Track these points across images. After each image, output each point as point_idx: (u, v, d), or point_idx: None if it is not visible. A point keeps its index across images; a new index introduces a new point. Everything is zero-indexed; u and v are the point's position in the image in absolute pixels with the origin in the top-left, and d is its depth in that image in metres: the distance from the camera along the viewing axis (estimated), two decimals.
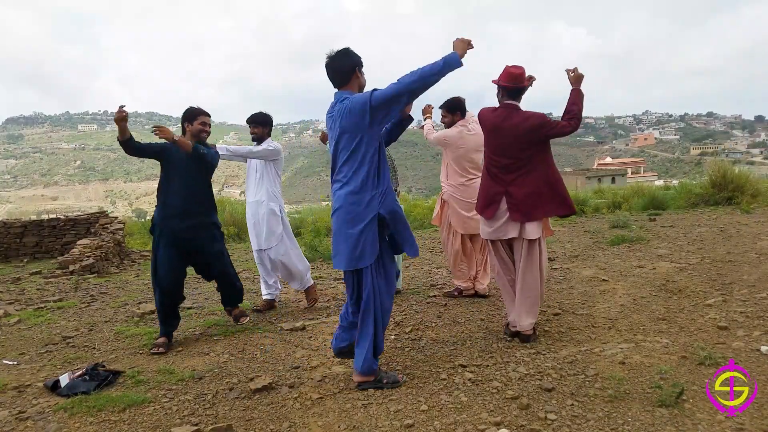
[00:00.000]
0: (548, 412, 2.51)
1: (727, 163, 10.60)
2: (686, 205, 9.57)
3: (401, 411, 2.63)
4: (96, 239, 8.01)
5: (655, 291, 4.42)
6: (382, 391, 2.86)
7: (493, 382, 2.87)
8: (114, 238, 8.30)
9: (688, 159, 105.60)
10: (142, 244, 9.75)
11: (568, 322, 3.80)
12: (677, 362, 2.97)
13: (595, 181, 36.84)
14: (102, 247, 7.71)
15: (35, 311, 5.03)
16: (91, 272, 7.00)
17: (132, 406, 2.82)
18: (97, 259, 7.27)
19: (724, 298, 4.04)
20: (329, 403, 2.77)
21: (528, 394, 2.71)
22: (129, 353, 3.73)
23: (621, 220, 7.93)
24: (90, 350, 3.85)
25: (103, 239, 8.04)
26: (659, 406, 2.50)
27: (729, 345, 3.15)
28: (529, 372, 2.97)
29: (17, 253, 8.86)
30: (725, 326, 3.43)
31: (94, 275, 6.91)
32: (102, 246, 7.73)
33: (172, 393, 3.00)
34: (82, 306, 5.25)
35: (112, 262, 7.73)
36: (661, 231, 7.21)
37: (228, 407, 2.80)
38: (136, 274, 7.20)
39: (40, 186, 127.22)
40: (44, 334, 4.28)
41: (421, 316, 4.21)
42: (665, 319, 3.72)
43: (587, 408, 2.54)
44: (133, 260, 8.28)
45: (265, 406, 2.79)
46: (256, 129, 4.63)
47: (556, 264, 5.74)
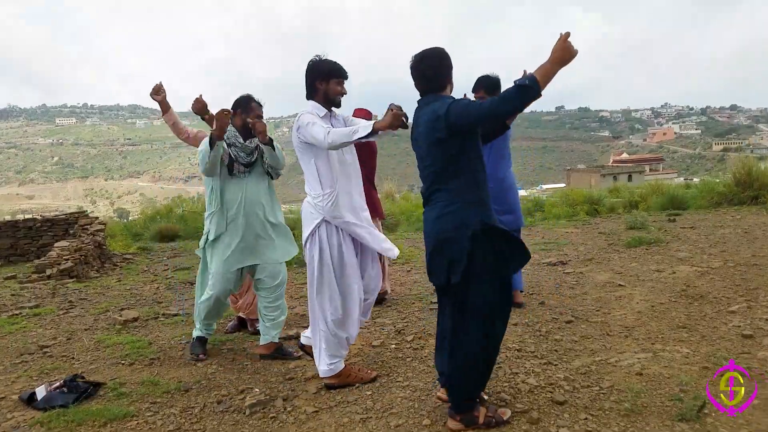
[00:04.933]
0: (560, 426, 2.51)
1: (753, 159, 10.59)
2: (708, 204, 9.57)
3: (402, 426, 2.63)
4: (75, 241, 8.00)
5: (674, 297, 4.42)
6: (382, 404, 2.86)
7: (501, 394, 2.87)
8: (94, 239, 8.29)
9: (711, 155, 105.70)
10: (124, 246, 9.75)
11: (582, 330, 3.80)
12: (698, 373, 2.97)
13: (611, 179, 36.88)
14: (81, 249, 7.70)
15: (9, 318, 5.03)
16: (70, 276, 6.99)
17: (113, 420, 2.82)
18: (76, 262, 7.27)
19: (749, 305, 4.04)
20: (325, 417, 2.78)
21: (538, 407, 2.71)
22: (110, 364, 3.73)
23: (638, 221, 7.93)
24: (68, 360, 3.85)
25: (83, 241, 8.03)
26: (679, 420, 2.50)
27: (754, 355, 3.15)
28: (540, 384, 2.97)
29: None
30: (750, 334, 3.43)
31: (72, 280, 6.91)
32: (81, 248, 7.72)
33: (157, 406, 3.00)
34: (60, 313, 5.25)
35: (92, 265, 7.72)
36: (681, 232, 7.22)
37: (216, 421, 2.80)
38: (118, 278, 7.20)
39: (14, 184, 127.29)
40: (19, 343, 4.28)
41: (424, 324, 4.21)
42: (686, 327, 3.72)
43: (602, 422, 2.54)
44: (115, 264, 8.28)
45: (257, 421, 2.79)
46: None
47: (569, 268, 5.74)
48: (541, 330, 3.85)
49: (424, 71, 2.63)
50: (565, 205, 10.49)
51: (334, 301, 3.07)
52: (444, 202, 2.55)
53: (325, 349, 3.11)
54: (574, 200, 10.65)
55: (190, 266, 7.74)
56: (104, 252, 8.55)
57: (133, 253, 9.16)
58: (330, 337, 3.10)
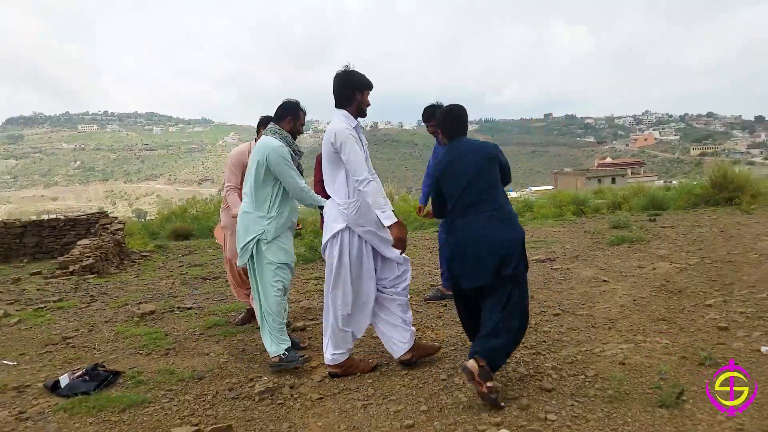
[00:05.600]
0: (548, 412, 2.51)
1: (728, 163, 10.60)
2: (686, 205, 9.56)
3: (401, 411, 2.63)
4: (96, 239, 8.01)
5: (655, 291, 4.42)
6: (382, 392, 2.86)
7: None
8: (114, 238, 8.30)
9: (689, 159, 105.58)
10: (142, 244, 9.74)
11: (568, 323, 3.80)
12: (677, 363, 2.96)
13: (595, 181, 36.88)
14: (102, 247, 7.70)
15: (35, 311, 5.03)
16: (91, 272, 7.00)
17: (132, 406, 2.82)
18: (97, 259, 7.27)
19: (725, 299, 4.04)
20: (329, 404, 2.78)
21: (528, 394, 2.71)
22: (129, 354, 3.73)
23: (621, 221, 7.92)
24: (90, 351, 3.85)
25: (103, 239, 8.04)
26: (659, 406, 2.50)
27: (729, 345, 3.15)
28: (529, 372, 2.97)
29: (17, 254, 8.86)
30: (725, 327, 3.43)
31: (94, 275, 6.91)
32: (102, 246, 7.73)
33: (172, 393, 3.00)
34: (82, 306, 5.25)
35: (112, 262, 7.73)
36: (661, 231, 7.21)
37: (228, 407, 2.80)
38: (136, 274, 7.20)
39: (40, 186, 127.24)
40: (44, 335, 4.28)
41: (421, 317, 4.21)
42: (665, 319, 3.71)
43: (587, 408, 2.53)
44: (133, 260, 8.28)
45: (265, 407, 2.79)
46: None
47: (557, 264, 5.73)
48: (531, 322, 3.84)
49: (454, 120, 3.08)
50: (552, 206, 10.48)
51: (345, 298, 3.08)
52: (490, 210, 2.86)
53: (330, 338, 3.12)
54: (561, 201, 10.63)
55: (203, 263, 7.74)
56: (123, 249, 8.55)
57: (150, 251, 9.16)
58: (336, 330, 3.10)
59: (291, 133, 3.52)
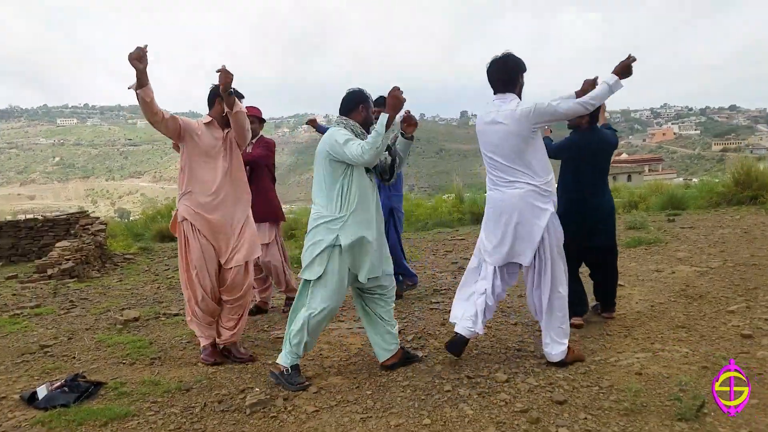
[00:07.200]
0: (560, 426, 2.51)
1: (752, 159, 10.59)
2: (707, 204, 9.57)
3: (402, 425, 2.63)
4: (76, 241, 8.01)
5: (674, 297, 4.42)
6: (382, 404, 2.86)
7: (501, 394, 2.87)
8: (95, 240, 8.30)
9: (710, 155, 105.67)
10: (125, 246, 9.75)
11: (581, 330, 3.80)
12: (698, 373, 2.97)
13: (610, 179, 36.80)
14: (82, 249, 7.71)
15: (11, 318, 5.03)
16: (71, 276, 7.00)
17: (114, 419, 2.82)
18: (77, 262, 7.27)
19: (748, 305, 4.04)
20: (325, 417, 2.78)
21: (538, 406, 2.71)
22: (111, 363, 3.73)
23: (638, 221, 7.93)
24: (69, 360, 3.85)
25: (84, 241, 8.04)
26: (678, 419, 2.50)
27: (753, 354, 3.15)
28: (540, 383, 2.97)
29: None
30: (749, 334, 3.43)
31: (73, 280, 6.91)
32: (82, 248, 7.73)
33: (158, 406, 3.00)
34: (61, 313, 5.25)
35: (93, 265, 7.73)
36: (680, 232, 7.21)
37: (217, 421, 2.80)
38: (119, 278, 7.20)
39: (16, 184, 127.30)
40: (20, 343, 4.28)
41: (424, 324, 4.21)
42: (685, 326, 3.72)
43: (601, 422, 2.54)
44: (116, 264, 8.28)
45: (257, 420, 2.79)
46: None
47: None
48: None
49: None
50: None
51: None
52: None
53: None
54: None
55: None
56: (105, 252, 8.55)
57: (134, 253, 9.16)
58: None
59: (364, 123, 3.31)
